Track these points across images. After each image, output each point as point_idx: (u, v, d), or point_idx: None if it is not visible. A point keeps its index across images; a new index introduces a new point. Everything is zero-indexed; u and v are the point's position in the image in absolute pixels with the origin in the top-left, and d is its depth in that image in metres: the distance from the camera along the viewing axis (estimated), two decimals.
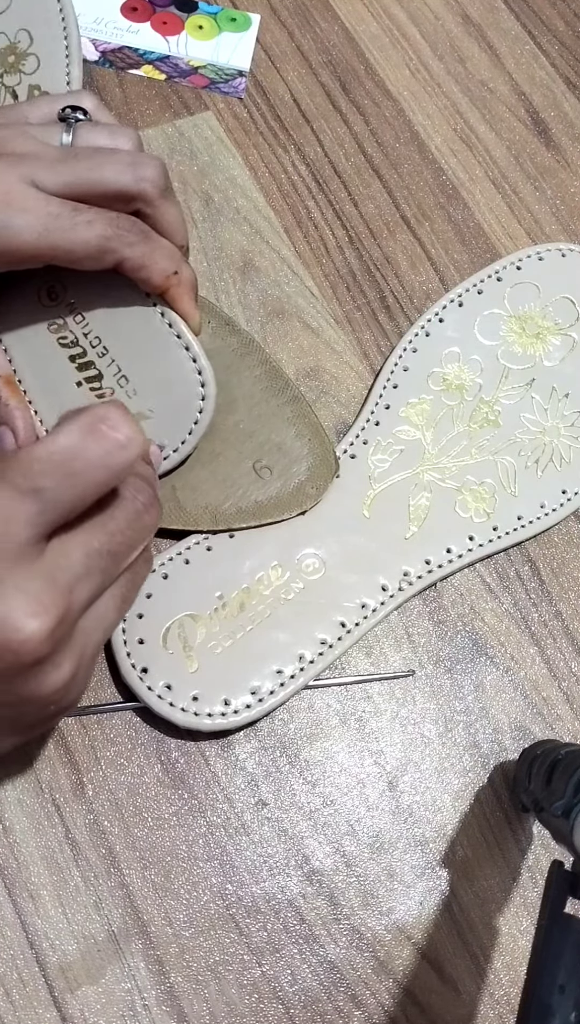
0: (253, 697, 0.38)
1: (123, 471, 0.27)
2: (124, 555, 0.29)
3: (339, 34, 0.53)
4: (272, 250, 0.47)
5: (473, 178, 0.50)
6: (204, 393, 0.38)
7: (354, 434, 0.43)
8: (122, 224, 0.35)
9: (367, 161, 0.50)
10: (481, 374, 0.44)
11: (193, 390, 0.38)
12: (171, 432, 0.39)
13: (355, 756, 0.39)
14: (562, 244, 0.47)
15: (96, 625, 0.29)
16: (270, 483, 0.41)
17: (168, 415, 0.39)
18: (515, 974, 0.37)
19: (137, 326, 0.39)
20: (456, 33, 0.54)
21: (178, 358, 0.38)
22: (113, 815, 0.37)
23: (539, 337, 0.45)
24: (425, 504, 0.42)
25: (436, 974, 0.36)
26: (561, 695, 0.41)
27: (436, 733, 0.40)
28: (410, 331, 0.45)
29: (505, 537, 0.42)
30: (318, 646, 0.39)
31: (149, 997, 0.35)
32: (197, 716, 0.37)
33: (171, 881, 0.36)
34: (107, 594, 0.29)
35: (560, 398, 0.44)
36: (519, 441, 0.43)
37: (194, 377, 0.38)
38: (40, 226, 0.34)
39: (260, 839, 0.37)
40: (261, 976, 0.35)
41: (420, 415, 0.43)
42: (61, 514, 0.26)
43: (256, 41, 0.52)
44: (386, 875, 0.37)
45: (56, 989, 0.34)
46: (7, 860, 0.36)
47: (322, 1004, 0.35)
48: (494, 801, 0.39)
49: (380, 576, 0.40)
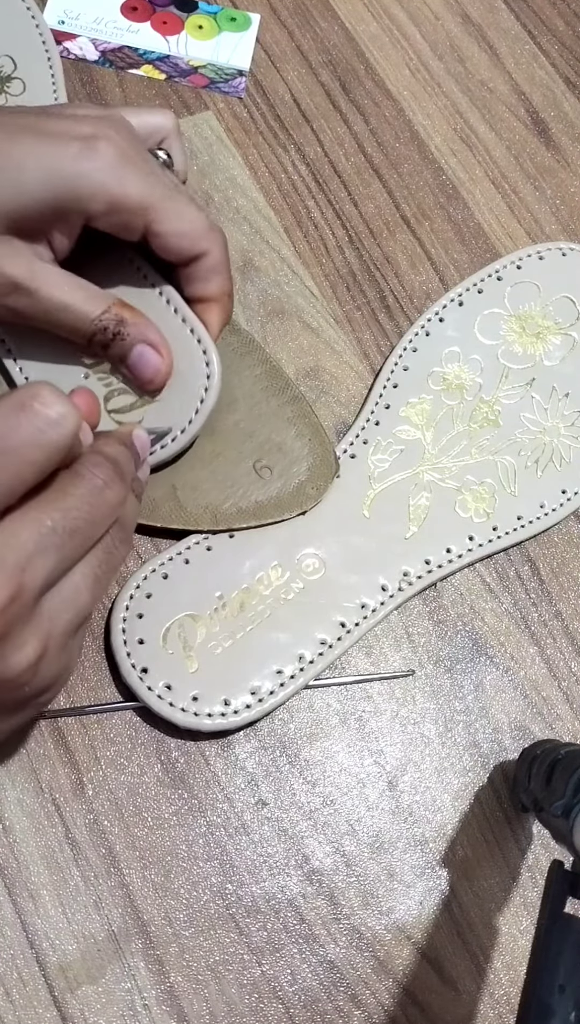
0: (253, 697, 0.38)
1: (58, 448, 0.27)
2: (85, 532, 0.28)
3: (339, 34, 0.53)
4: (272, 250, 0.47)
5: (473, 178, 0.50)
6: (209, 372, 0.38)
7: (354, 434, 0.43)
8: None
9: (367, 161, 0.50)
10: (481, 374, 0.44)
11: (199, 369, 0.38)
12: (178, 414, 0.38)
13: (355, 756, 0.39)
14: (562, 243, 0.47)
15: (64, 605, 0.28)
16: (270, 483, 0.41)
17: (174, 396, 0.38)
18: (515, 974, 0.37)
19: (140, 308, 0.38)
20: (456, 33, 0.54)
21: (182, 339, 0.38)
22: (113, 815, 0.37)
23: (539, 337, 0.45)
24: (425, 504, 0.42)
25: (436, 974, 0.36)
26: (561, 695, 0.41)
27: (436, 733, 0.40)
28: (410, 330, 0.45)
29: (505, 537, 0.42)
30: (318, 646, 0.39)
31: (149, 997, 0.35)
32: (197, 716, 0.37)
33: (171, 881, 0.36)
34: (76, 573, 0.29)
35: (560, 398, 0.44)
36: (519, 441, 0.43)
37: (200, 356, 0.38)
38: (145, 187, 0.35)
39: (260, 839, 0.37)
40: (261, 976, 0.35)
41: (420, 415, 0.43)
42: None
43: (256, 41, 0.52)
44: (386, 875, 0.37)
45: (56, 989, 0.34)
46: (7, 860, 0.36)
47: (322, 1004, 0.35)
48: (494, 801, 0.39)
49: (380, 576, 0.40)
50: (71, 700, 0.38)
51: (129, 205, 0.35)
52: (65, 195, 0.34)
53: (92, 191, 0.34)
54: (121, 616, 0.38)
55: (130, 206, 0.35)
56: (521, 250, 0.47)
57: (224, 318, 0.39)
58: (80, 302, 0.36)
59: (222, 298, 0.39)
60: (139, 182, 0.35)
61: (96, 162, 0.34)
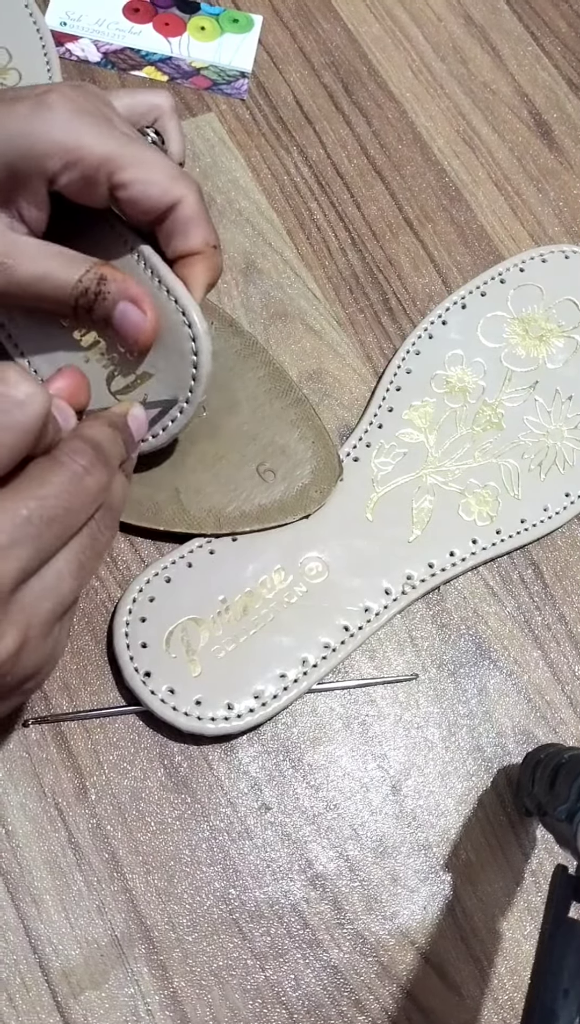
0: (256, 701, 0.37)
1: (27, 430, 0.26)
2: (64, 521, 0.28)
3: (341, 35, 0.53)
4: (274, 252, 0.47)
5: (476, 180, 0.50)
6: (193, 334, 0.36)
7: (357, 437, 0.43)
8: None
9: (370, 163, 0.50)
10: (484, 377, 0.44)
11: (181, 332, 0.36)
12: (176, 384, 0.37)
13: (358, 760, 0.39)
14: (565, 246, 0.47)
15: (46, 593, 0.28)
16: (274, 486, 0.41)
17: (168, 366, 0.37)
18: (519, 979, 0.36)
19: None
20: (459, 35, 0.54)
21: (161, 302, 0.36)
22: (116, 819, 0.37)
23: (542, 339, 0.45)
24: (428, 507, 0.42)
25: (439, 979, 0.36)
26: (565, 699, 0.41)
27: (439, 737, 0.40)
28: (413, 333, 0.45)
29: (508, 540, 0.42)
30: (321, 650, 0.39)
31: (152, 1002, 0.35)
32: (200, 720, 0.37)
33: (174, 886, 0.36)
34: (58, 561, 0.28)
35: (563, 401, 0.44)
36: (522, 444, 0.43)
37: (179, 319, 0.36)
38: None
39: (263, 843, 0.37)
40: (264, 981, 0.35)
41: (423, 418, 0.43)
42: None
43: (258, 42, 0.52)
44: (389, 879, 0.37)
45: (59, 994, 0.34)
46: (10, 864, 0.36)
47: (326, 1009, 0.35)
48: (498, 805, 0.39)
49: (383, 579, 0.40)
50: (74, 704, 0.38)
51: (86, 157, 0.33)
52: (19, 156, 0.33)
53: (46, 148, 0.33)
54: (124, 620, 0.38)
55: (87, 158, 0.33)
56: (524, 253, 0.47)
57: (212, 274, 0.37)
58: (58, 268, 0.34)
59: (206, 250, 0.36)
60: (96, 133, 0.33)
61: (48, 117, 0.32)
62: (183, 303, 0.36)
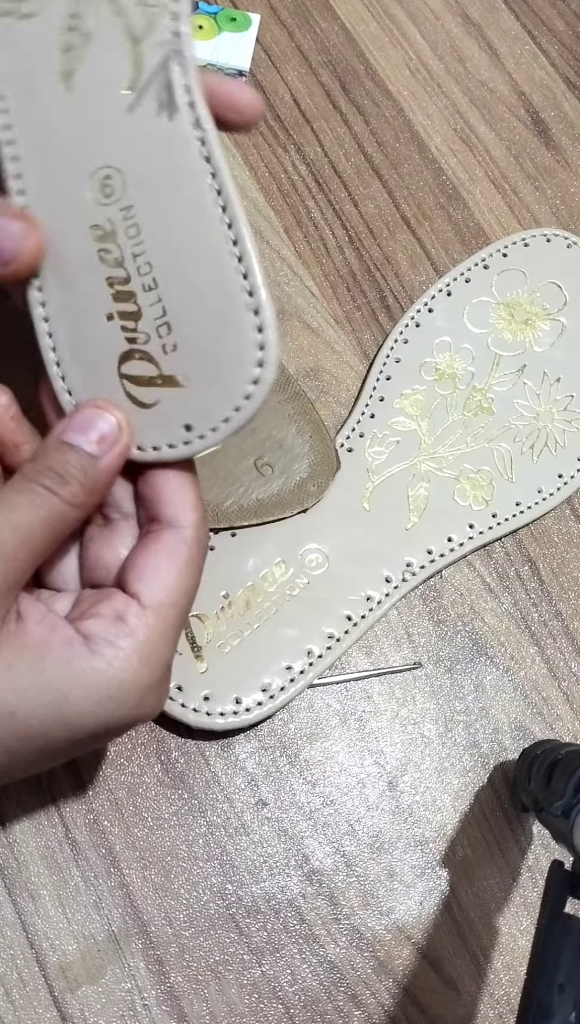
0: (264, 694, 0.38)
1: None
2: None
3: (339, 34, 0.53)
4: (272, 250, 0.47)
5: (473, 178, 0.50)
6: (259, 376, 0.27)
7: (350, 427, 0.43)
8: None
9: (367, 161, 0.50)
10: (473, 362, 0.44)
11: (247, 364, 0.27)
12: (205, 411, 0.28)
13: (355, 756, 0.39)
14: (547, 230, 0.47)
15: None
16: (272, 480, 0.41)
17: (206, 387, 0.28)
18: (515, 974, 0.37)
19: (202, 267, 0.28)
20: (456, 33, 0.54)
21: (237, 314, 0.27)
22: (113, 815, 0.37)
23: (528, 323, 0.45)
24: (424, 494, 0.42)
25: (436, 974, 0.36)
26: (561, 695, 0.41)
27: (436, 733, 0.40)
28: (400, 322, 0.45)
29: (504, 524, 0.42)
30: (326, 640, 0.39)
31: (149, 997, 0.35)
32: (209, 716, 0.37)
33: (171, 881, 0.36)
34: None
35: (552, 383, 0.44)
36: (513, 427, 0.43)
37: (253, 349, 0.27)
38: None
39: (260, 839, 0.37)
40: (261, 976, 0.35)
41: (414, 405, 0.43)
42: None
43: (256, 41, 0.52)
44: (386, 875, 0.37)
45: (56, 989, 0.34)
46: (7, 860, 0.36)
47: (322, 1004, 0.35)
48: (494, 801, 0.39)
49: (383, 568, 0.40)
50: None
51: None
52: None
53: None
54: None
55: None
56: (506, 238, 0.47)
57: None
58: None
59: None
60: None
61: None
62: (264, 316, 0.27)
